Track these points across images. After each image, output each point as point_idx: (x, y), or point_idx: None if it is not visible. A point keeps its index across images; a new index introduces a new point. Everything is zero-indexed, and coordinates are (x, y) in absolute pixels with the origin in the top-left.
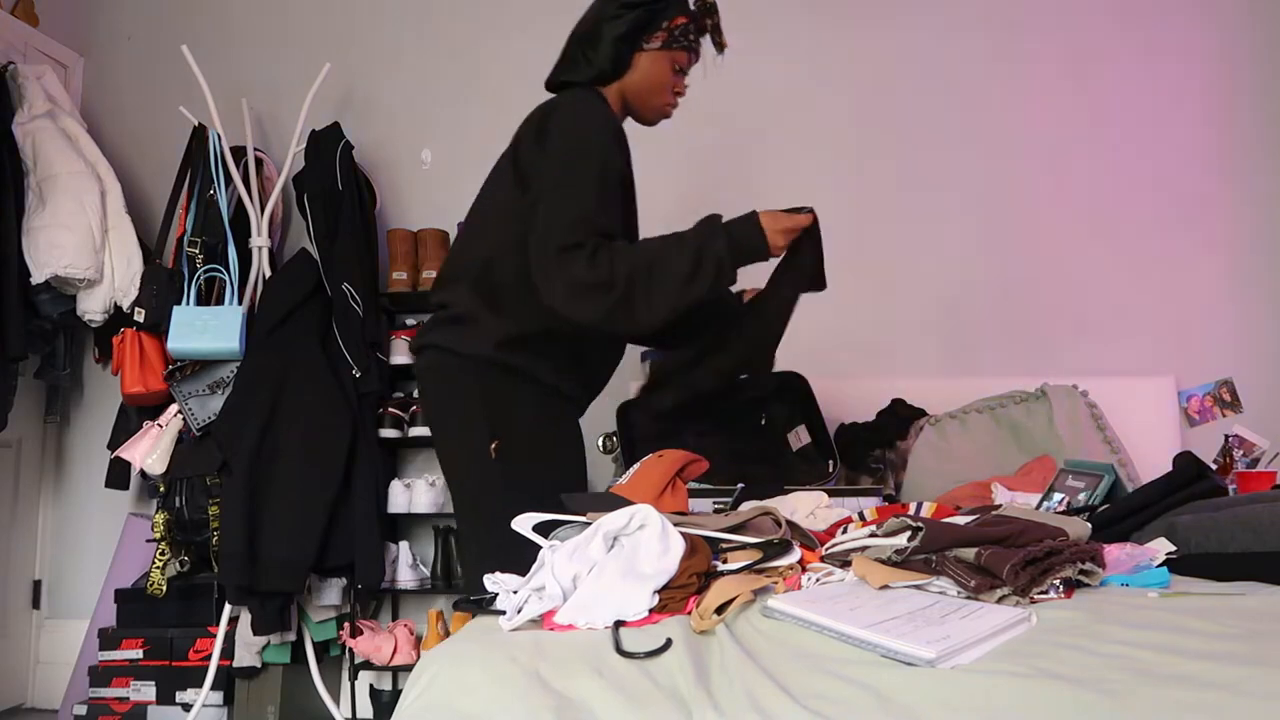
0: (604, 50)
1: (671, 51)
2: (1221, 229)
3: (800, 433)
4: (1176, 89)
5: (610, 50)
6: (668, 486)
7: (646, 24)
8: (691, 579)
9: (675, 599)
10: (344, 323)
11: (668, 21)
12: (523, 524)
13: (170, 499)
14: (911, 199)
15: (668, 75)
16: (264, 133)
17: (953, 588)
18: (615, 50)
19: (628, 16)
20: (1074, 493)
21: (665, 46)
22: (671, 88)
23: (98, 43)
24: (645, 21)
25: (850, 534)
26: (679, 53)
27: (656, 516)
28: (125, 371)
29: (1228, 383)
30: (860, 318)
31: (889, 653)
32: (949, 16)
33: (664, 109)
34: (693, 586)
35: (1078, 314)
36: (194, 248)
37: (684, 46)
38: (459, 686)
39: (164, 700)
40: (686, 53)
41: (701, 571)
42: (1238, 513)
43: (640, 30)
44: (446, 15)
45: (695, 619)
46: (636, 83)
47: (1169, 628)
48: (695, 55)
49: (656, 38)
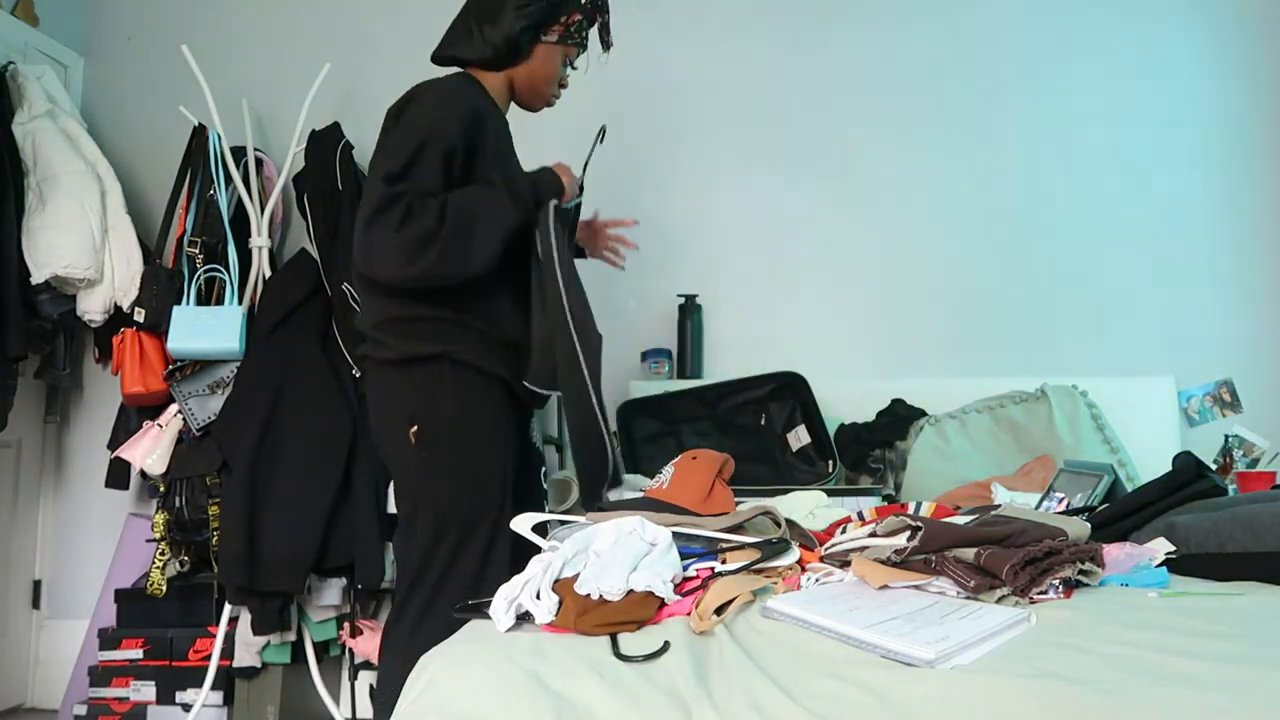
0: (504, 34)
1: (565, 45)
2: (1221, 229)
3: (800, 433)
4: (1177, 88)
5: (510, 36)
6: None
7: (549, 17)
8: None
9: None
10: (344, 323)
11: (566, 16)
12: (522, 524)
13: (170, 499)
14: (911, 199)
15: (557, 67)
16: (264, 133)
17: (952, 588)
18: (516, 38)
19: (533, 8)
20: (1074, 493)
21: (560, 40)
22: (559, 80)
23: (98, 43)
24: (548, 15)
25: (850, 534)
26: (570, 47)
27: (668, 538)
28: (125, 371)
29: (1228, 383)
30: (860, 317)
31: (888, 653)
32: (945, 16)
33: (549, 99)
34: (624, 619)
35: (1078, 314)
36: (194, 248)
37: (576, 42)
38: (458, 687)
39: (164, 700)
40: (577, 47)
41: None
42: (1238, 513)
43: (543, 22)
44: (446, 15)
45: (695, 620)
46: (529, 72)
47: (1169, 628)
48: (583, 49)
49: (554, 30)
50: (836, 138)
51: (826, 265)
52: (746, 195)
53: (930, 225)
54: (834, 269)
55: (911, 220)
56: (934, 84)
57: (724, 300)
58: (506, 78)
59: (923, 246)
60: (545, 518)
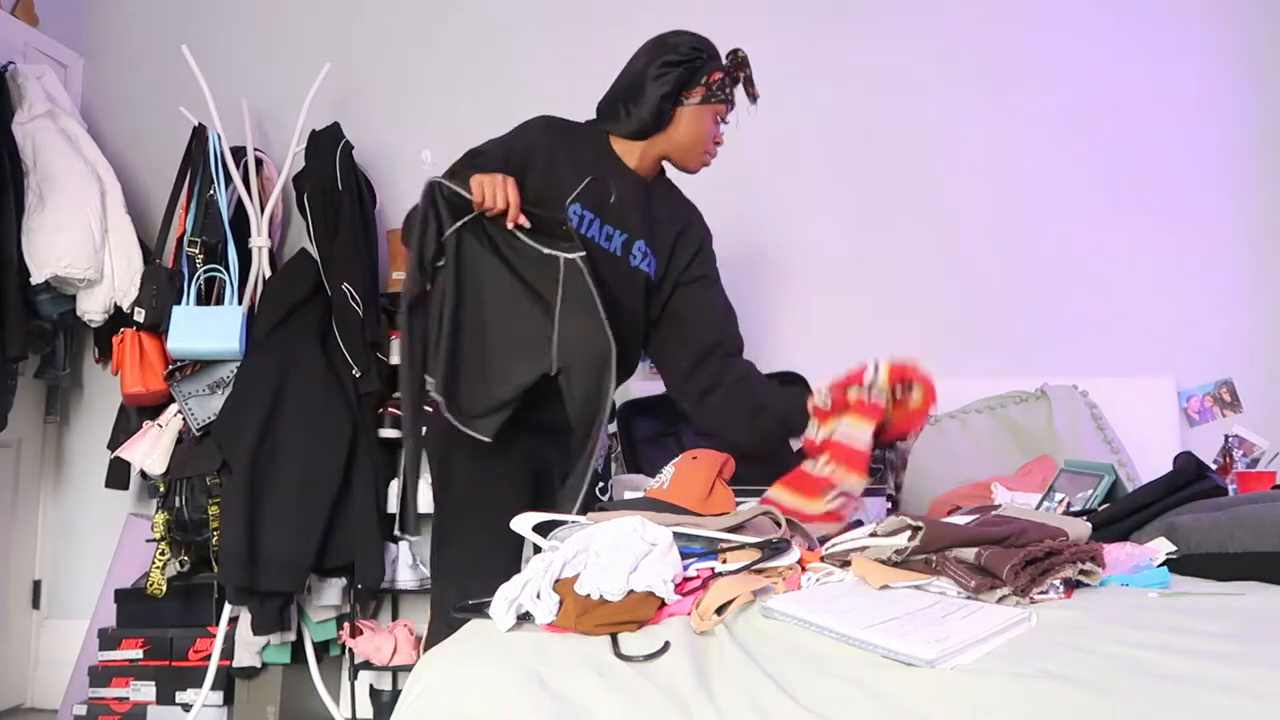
0: (647, 106)
1: (710, 105)
2: (1221, 229)
3: None
4: (1176, 89)
5: (654, 106)
6: (712, 488)
7: (687, 81)
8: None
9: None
10: (344, 323)
11: (706, 77)
12: (522, 524)
13: (170, 499)
14: (911, 199)
15: (708, 126)
16: (264, 133)
17: (953, 588)
18: (658, 106)
19: (670, 75)
20: (1074, 493)
21: (704, 101)
22: (712, 137)
23: (98, 43)
24: (686, 78)
25: (850, 534)
26: (717, 105)
27: (669, 538)
28: (125, 371)
29: (1228, 383)
30: (860, 317)
31: (888, 653)
32: (947, 18)
33: (704, 158)
34: (625, 618)
35: (1078, 314)
36: (194, 248)
37: (721, 100)
38: (459, 687)
39: (164, 700)
40: (724, 105)
41: (636, 620)
42: (1238, 513)
43: (682, 87)
44: (447, 15)
45: (695, 619)
46: (679, 136)
47: (1169, 628)
48: (731, 105)
49: (696, 93)
50: (836, 138)
51: (826, 265)
52: (746, 195)
53: (931, 226)
54: (834, 269)
55: (913, 221)
56: (933, 84)
57: None
58: (657, 145)
59: (923, 246)
60: (545, 517)
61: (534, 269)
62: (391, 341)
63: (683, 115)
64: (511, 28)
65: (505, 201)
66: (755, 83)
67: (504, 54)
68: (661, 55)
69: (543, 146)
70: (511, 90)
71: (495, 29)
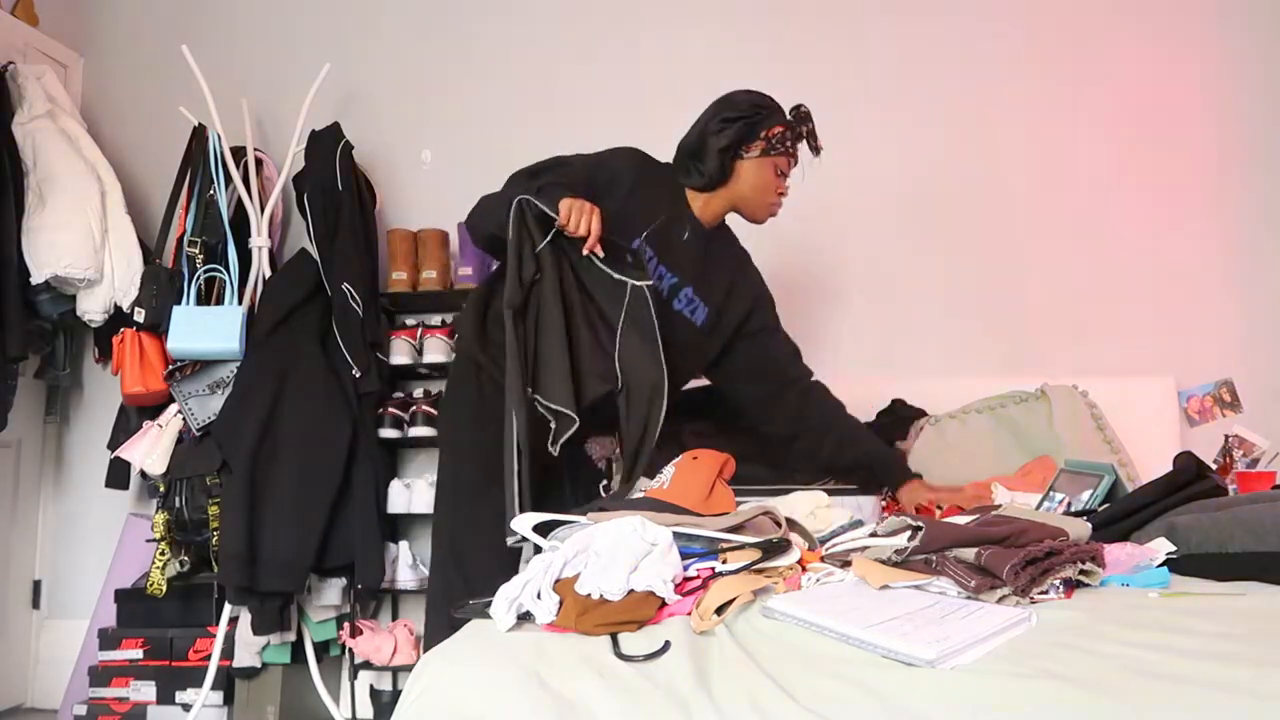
0: (709, 161)
1: (771, 158)
2: (1221, 229)
3: None
4: (1176, 88)
5: (715, 161)
6: (712, 488)
7: (746, 135)
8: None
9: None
10: (344, 323)
11: (765, 131)
12: (522, 524)
13: (170, 499)
14: (911, 199)
15: (770, 179)
16: (264, 133)
17: (953, 588)
18: (719, 160)
19: (729, 130)
20: (1074, 493)
21: (764, 154)
22: (775, 189)
23: (98, 43)
24: (745, 133)
25: (850, 534)
26: (778, 158)
27: (669, 538)
28: (125, 371)
29: (1228, 383)
30: (860, 317)
31: (889, 653)
32: (949, 19)
33: (770, 208)
34: (625, 618)
35: (1078, 314)
36: (194, 248)
37: (781, 152)
38: (459, 687)
39: (164, 700)
40: (785, 157)
41: (636, 620)
42: (1238, 513)
43: (741, 141)
44: (447, 15)
45: (695, 619)
46: (741, 188)
47: (1169, 628)
48: (794, 159)
49: (755, 146)
50: (835, 138)
51: (826, 265)
52: None
53: (931, 226)
54: (834, 269)
55: (912, 221)
56: (934, 85)
57: None
58: (727, 196)
59: (923, 246)
60: (546, 517)
61: (602, 292)
62: (392, 341)
63: (743, 169)
64: (512, 28)
65: (588, 228)
66: (818, 136)
67: (504, 54)
68: (721, 111)
69: (626, 177)
70: (512, 90)
71: (495, 29)
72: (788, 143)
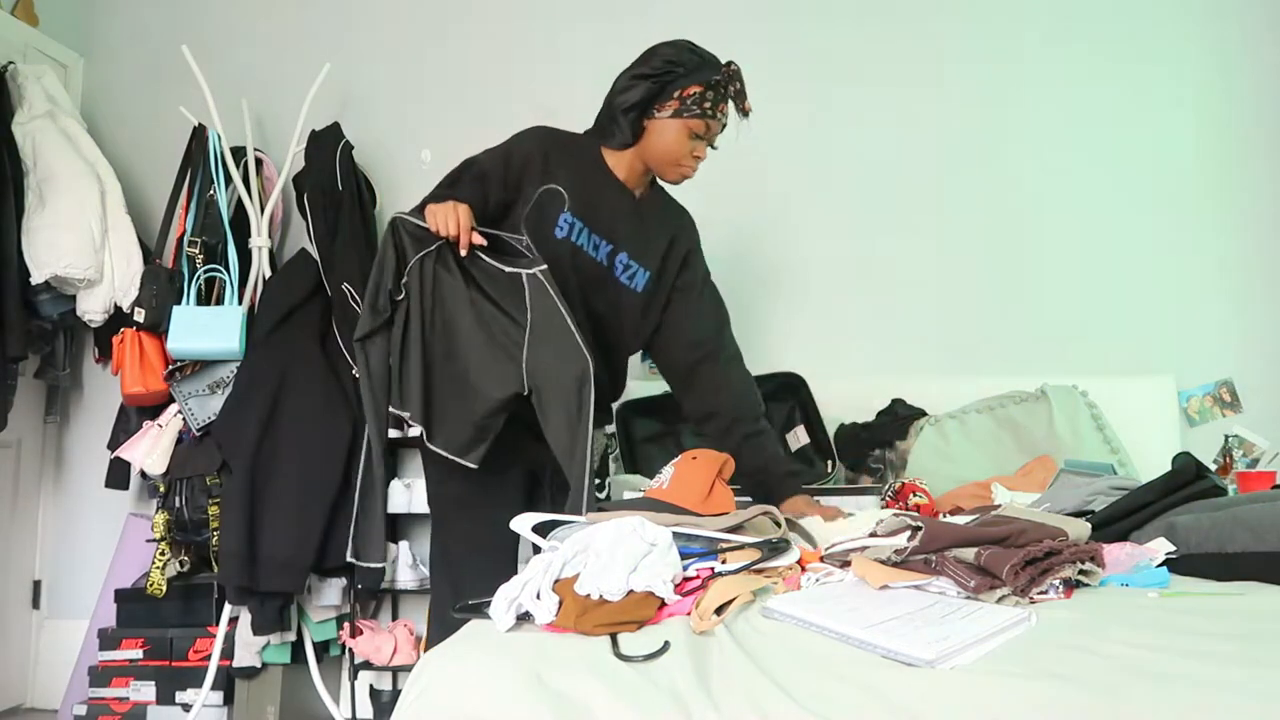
0: (620, 119)
1: (684, 120)
2: (1222, 229)
3: (799, 433)
4: (1175, 89)
5: (624, 119)
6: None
7: (657, 94)
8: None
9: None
10: (344, 323)
11: (679, 91)
12: (522, 524)
13: (170, 499)
14: (912, 200)
15: (680, 140)
16: (264, 133)
17: (952, 588)
18: (628, 119)
19: (638, 88)
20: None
21: (676, 115)
22: (688, 153)
23: (98, 43)
24: (655, 92)
25: (850, 534)
26: (693, 120)
27: (668, 538)
28: (125, 371)
29: (1228, 383)
30: (860, 317)
31: (888, 653)
32: (946, 22)
33: (678, 171)
34: (624, 619)
35: (1078, 314)
36: (194, 248)
37: (696, 115)
38: (459, 687)
39: (164, 700)
40: (701, 120)
41: (636, 620)
42: (1237, 513)
43: (651, 100)
44: (447, 15)
45: (695, 620)
46: (651, 148)
47: (1169, 628)
48: (715, 121)
49: (668, 106)
50: (835, 139)
51: (826, 265)
52: (746, 197)
53: (930, 226)
54: (834, 269)
55: (911, 221)
56: (934, 84)
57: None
58: (638, 156)
59: (923, 246)
60: (545, 518)
61: (503, 290)
62: None
63: (654, 128)
64: (512, 28)
65: (457, 228)
66: (747, 97)
67: (504, 54)
68: (636, 68)
69: (538, 156)
70: (512, 91)
71: (496, 29)
72: (706, 105)
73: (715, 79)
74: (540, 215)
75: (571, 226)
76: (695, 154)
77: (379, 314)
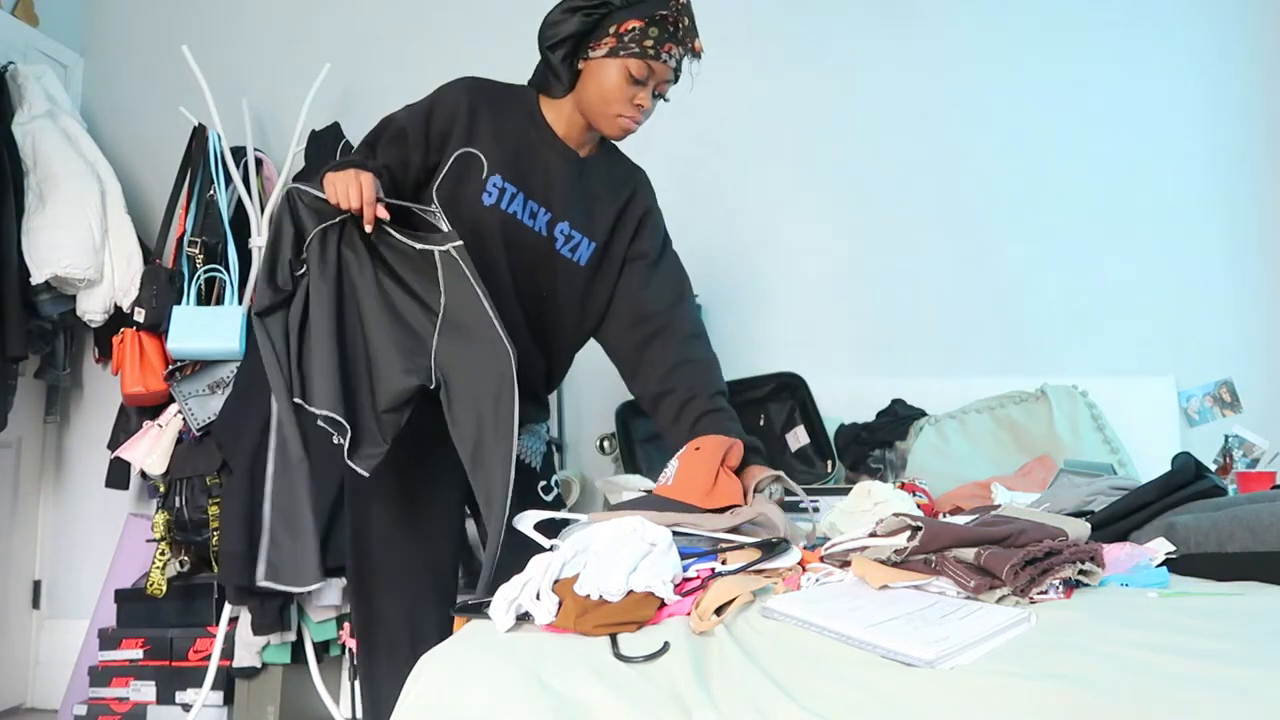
0: (550, 59)
1: (621, 59)
2: (1221, 229)
3: (799, 433)
4: (1175, 89)
5: (554, 57)
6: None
7: (591, 29)
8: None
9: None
10: None
11: (615, 26)
12: (524, 523)
13: (170, 499)
14: (911, 199)
15: (618, 84)
16: (264, 133)
17: (952, 588)
18: (557, 56)
19: (569, 21)
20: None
21: (612, 53)
22: (628, 99)
23: (98, 43)
24: (589, 27)
25: (850, 533)
26: (631, 60)
27: (668, 538)
28: (125, 371)
29: (1228, 383)
30: (860, 317)
31: (888, 653)
32: (944, 21)
33: (618, 121)
34: (624, 619)
35: (1077, 314)
36: (194, 248)
37: (635, 53)
38: (458, 687)
39: (164, 700)
40: (642, 60)
41: (636, 620)
42: (1237, 513)
43: (584, 36)
44: (446, 14)
45: (695, 620)
46: (586, 94)
47: (1169, 628)
48: (660, 64)
49: (603, 44)
50: (835, 140)
51: (826, 265)
52: (745, 196)
53: (930, 225)
54: (834, 269)
55: (911, 220)
56: (933, 84)
57: (723, 300)
58: (573, 106)
59: (923, 246)
60: (546, 516)
61: (414, 270)
62: None
63: (589, 69)
64: (512, 28)
65: (360, 199)
66: (698, 34)
67: (504, 54)
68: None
69: (464, 110)
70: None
71: (496, 29)
72: (647, 43)
73: (660, 14)
74: (457, 181)
75: (502, 192)
76: (636, 101)
77: (279, 291)
